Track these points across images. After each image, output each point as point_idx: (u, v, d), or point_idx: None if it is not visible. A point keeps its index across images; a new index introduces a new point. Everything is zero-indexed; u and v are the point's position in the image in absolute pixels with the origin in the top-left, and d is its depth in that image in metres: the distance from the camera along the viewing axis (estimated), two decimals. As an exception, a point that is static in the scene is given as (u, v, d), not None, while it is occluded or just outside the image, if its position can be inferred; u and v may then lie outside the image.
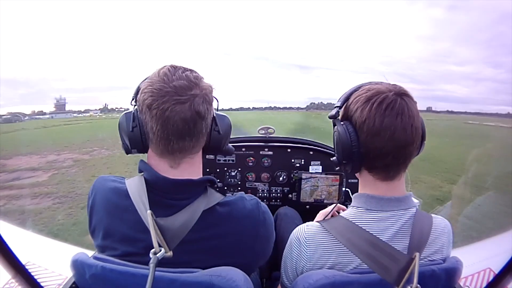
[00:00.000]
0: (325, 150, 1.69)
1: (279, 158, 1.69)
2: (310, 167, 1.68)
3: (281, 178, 1.69)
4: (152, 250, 0.55)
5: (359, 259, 0.64)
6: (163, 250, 0.56)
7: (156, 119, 0.64)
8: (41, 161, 8.81)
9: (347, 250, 0.66)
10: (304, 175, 1.62)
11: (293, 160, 1.69)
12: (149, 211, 0.59)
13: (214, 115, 0.72)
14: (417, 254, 0.58)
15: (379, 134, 0.64)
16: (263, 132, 1.72)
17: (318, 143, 1.75)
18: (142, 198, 0.64)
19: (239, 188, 1.70)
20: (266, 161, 1.70)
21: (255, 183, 1.71)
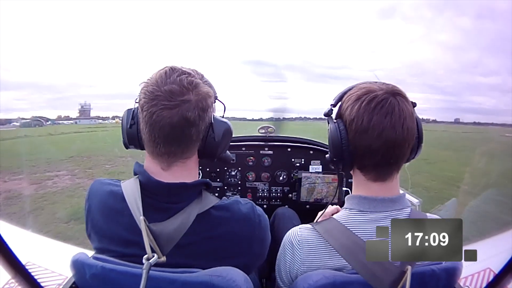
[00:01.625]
0: (325, 149, 1.69)
1: (279, 157, 1.69)
2: (310, 166, 1.68)
3: (281, 178, 1.69)
4: (145, 256, 0.56)
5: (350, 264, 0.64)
6: (156, 255, 0.57)
7: (145, 122, 0.65)
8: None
9: (339, 255, 0.65)
10: (304, 175, 1.62)
11: (293, 160, 1.69)
12: (141, 217, 0.59)
13: (212, 120, 0.70)
14: (409, 267, 0.58)
15: (366, 132, 0.64)
16: (263, 131, 1.71)
17: (318, 142, 1.74)
18: (137, 201, 0.64)
19: (239, 188, 1.70)
20: (266, 161, 1.70)
21: (255, 183, 1.71)
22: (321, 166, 1.67)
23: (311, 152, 1.68)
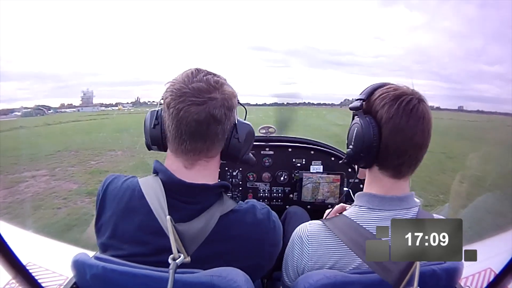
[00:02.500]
0: (326, 149, 1.69)
1: (280, 157, 1.69)
2: (311, 166, 1.67)
3: (282, 178, 1.69)
4: (171, 256, 0.56)
5: (360, 259, 0.65)
6: (182, 256, 0.57)
7: (172, 118, 0.65)
8: None
9: (349, 249, 0.66)
10: (305, 175, 1.62)
11: (294, 160, 1.69)
12: (168, 217, 0.59)
13: (236, 122, 0.71)
14: None
15: (402, 132, 0.66)
16: (264, 131, 1.72)
17: (319, 142, 1.74)
18: (160, 200, 0.64)
19: (240, 188, 1.70)
20: (267, 161, 1.70)
21: (256, 183, 1.71)
22: (322, 166, 1.67)
23: (312, 152, 1.68)
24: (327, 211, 1.01)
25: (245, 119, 0.77)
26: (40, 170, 7.21)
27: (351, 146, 0.73)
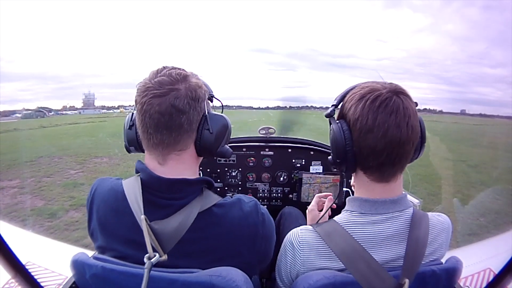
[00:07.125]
0: (325, 150, 1.69)
1: (280, 158, 1.69)
2: (310, 167, 1.67)
3: (281, 178, 1.69)
4: (146, 255, 0.56)
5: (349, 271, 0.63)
6: (157, 255, 0.57)
7: (138, 114, 0.67)
8: None
9: (338, 259, 0.65)
10: (304, 175, 1.62)
11: (293, 160, 1.69)
12: (143, 216, 0.59)
13: (207, 113, 0.69)
14: (407, 281, 0.57)
15: (372, 131, 0.63)
16: (264, 132, 1.72)
17: (319, 143, 1.75)
18: (138, 200, 0.64)
19: (240, 188, 1.70)
20: (266, 161, 1.70)
21: (255, 183, 1.71)
22: (321, 166, 1.67)
23: (312, 152, 1.68)
24: (308, 209, 1.05)
25: (222, 113, 0.76)
26: (13, 180, 6.36)
27: (331, 153, 0.73)
